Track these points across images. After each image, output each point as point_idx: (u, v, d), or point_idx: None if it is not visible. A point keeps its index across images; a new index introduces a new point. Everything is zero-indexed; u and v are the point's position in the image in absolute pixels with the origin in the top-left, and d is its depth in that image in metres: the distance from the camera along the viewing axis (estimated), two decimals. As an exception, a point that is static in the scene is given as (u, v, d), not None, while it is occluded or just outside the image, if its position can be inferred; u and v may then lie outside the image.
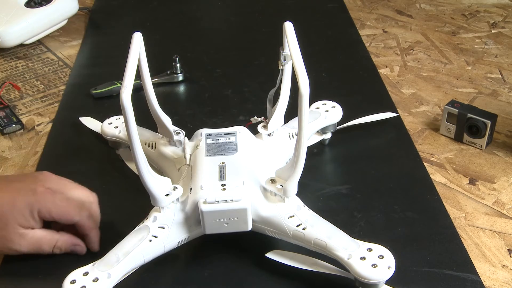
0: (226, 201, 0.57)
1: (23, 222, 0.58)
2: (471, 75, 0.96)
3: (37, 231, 0.60)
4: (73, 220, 0.60)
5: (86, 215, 0.61)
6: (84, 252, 0.63)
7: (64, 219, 0.60)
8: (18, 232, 0.59)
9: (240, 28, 1.17)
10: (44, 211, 0.59)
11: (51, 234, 0.61)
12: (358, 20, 1.18)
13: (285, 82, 0.67)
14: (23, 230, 0.59)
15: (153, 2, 1.29)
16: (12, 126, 0.85)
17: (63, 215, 0.60)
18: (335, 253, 0.55)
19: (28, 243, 0.60)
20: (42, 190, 0.59)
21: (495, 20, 1.15)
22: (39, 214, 0.59)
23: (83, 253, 0.62)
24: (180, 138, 0.67)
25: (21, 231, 0.59)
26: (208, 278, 0.60)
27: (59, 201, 0.60)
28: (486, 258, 0.62)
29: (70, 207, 0.60)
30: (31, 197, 0.58)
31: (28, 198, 0.58)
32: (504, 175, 0.74)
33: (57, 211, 0.59)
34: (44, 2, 1.10)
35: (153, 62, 0.66)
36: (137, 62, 0.55)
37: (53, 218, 0.59)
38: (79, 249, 0.62)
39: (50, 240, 0.61)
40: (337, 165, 0.77)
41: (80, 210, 0.61)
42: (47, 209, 0.59)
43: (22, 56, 1.08)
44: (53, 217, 0.59)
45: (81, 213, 0.61)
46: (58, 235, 0.61)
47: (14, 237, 0.59)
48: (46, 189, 0.60)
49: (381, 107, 0.86)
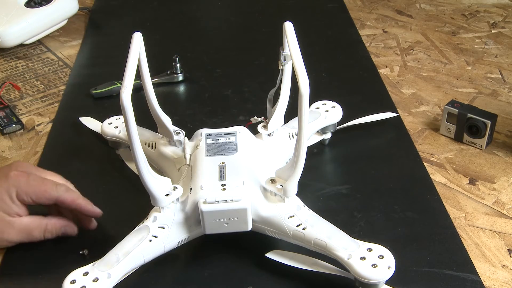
0: (226, 201, 0.57)
1: (6, 209, 0.59)
2: (471, 75, 0.96)
3: (24, 218, 0.60)
4: (52, 196, 0.60)
5: (63, 189, 0.61)
6: (75, 232, 0.62)
7: (43, 197, 0.60)
8: (5, 220, 0.59)
9: (240, 28, 1.17)
10: (20, 192, 0.59)
11: (39, 219, 0.61)
12: (358, 20, 1.18)
13: (285, 82, 0.67)
14: (9, 217, 0.59)
15: (153, 2, 1.29)
16: (12, 126, 0.85)
17: (41, 193, 0.60)
18: (335, 253, 0.55)
19: (18, 231, 0.60)
20: (16, 173, 0.60)
21: (495, 20, 1.15)
22: (17, 198, 0.59)
23: (74, 233, 0.62)
24: (180, 138, 0.67)
25: (7, 219, 0.59)
26: (208, 278, 0.60)
27: (33, 181, 0.60)
28: (486, 258, 0.62)
29: (46, 185, 0.60)
30: (5, 182, 0.59)
31: (2, 184, 0.59)
32: (504, 175, 0.74)
33: (33, 190, 0.59)
34: (44, 2, 1.10)
35: (153, 62, 0.66)
36: (137, 62, 0.55)
37: (32, 198, 0.59)
38: (70, 230, 0.62)
39: (39, 225, 0.61)
40: (337, 165, 0.77)
41: (56, 186, 0.61)
42: (23, 191, 0.59)
43: (22, 56, 1.08)
44: (31, 197, 0.59)
45: (58, 189, 0.60)
46: (46, 220, 0.61)
47: (2, 226, 0.59)
48: (19, 172, 0.60)
49: (381, 107, 0.86)
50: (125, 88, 0.49)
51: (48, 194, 0.60)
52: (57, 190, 0.60)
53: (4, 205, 0.59)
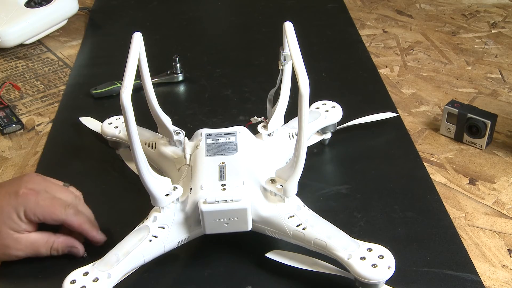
0: (226, 201, 0.57)
1: (14, 226, 0.59)
2: (471, 75, 0.96)
3: (31, 234, 0.60)
4: (59, 218, 0.60)
5: (72, 212, 0.60)
6: (81, 254, 0.62)
7: (49, 218, 0.60)
8: (13, 237, 0.59)
9: (240, 28, 1.17)
10: (29, 212, 0.58)
11: (47, 236, 0.61)
12: (358, 20, 1.18)
13: (285, 82, 0.67)
14: (17, 234, 0.59)
15: (153, 2, 1.29)
16: (12, 126, 0.85)
17: (48, 214, 0.59)
18: (335, 253, 0.55)
19: (25, 247, 0.60)
20: (25, 191, 0.59)
21: (495, 20, 1.15)
22: (25, 216, 0.59)
23: (80, 255, 0.62)
24: (180, 138, 0.67)
25: (15, 236, 0.59)
26: (208, 278, 0.60)
27: (42, 200, 0.59)
28: (486, 258, 0.62)
29: (55, 206, 0.60)
30: (14, 200, 0.58)
31: (11, 201, 0.58)
32: (504, 175, 0.74)
33: (40, 210, 0.59)
34: (44, 2, 1.10)
35: (153, 62, 0.66)
36: (137, 62, 0.55)
37: (38, 218, 0.59)
38: (76, 251, 0.62)
39: (46, 242, 0.61)
40: (337, 165, 0.77)
41: (65, 208, 0.60)
42: (31, 211, 0.58)
43: (22, 56, 1.08)
44: (38, 217, 0.59)
45: (67, 211, 0.60)
46: (54, 237, 0.61)
47: (9, 242, 0.59)
48: (29, 190, 0.60)
49: (381, 107, 0.86)
50: (125, 88, 0.49)
51: (55, 216, 0.60)
52: (66, 214, 0.60)
53: (12, 223, 0.58)
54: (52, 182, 0.64)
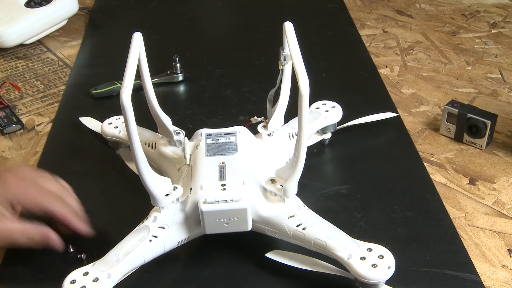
0: (226, 201, 0.57)
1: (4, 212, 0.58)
2: (471, 75, 0.96)
3: (7, 222, 0.59)
4: (44, 206, 0.59)
5: (59, 203, 0.60)
6: (59, 245, 0.61)
7: (35, 206, 0.59)
8: None
9: (240, 28, 1.17)
10: (14, 200, 0.58)
11: (22, 224, 0.60)
12: (358, 20, 1.18)
13: (285, 82, 0.67)
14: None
15: (153, 2, 1.29)
16: (12, 126, 0.85)
17: (33, 203, 0.59)
18: (335, 253, 0.55)
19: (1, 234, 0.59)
20: (13, 179, 0.59)
21: (495, 20, 1.15)
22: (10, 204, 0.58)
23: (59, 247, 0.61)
24: (180, 138, 0.67)
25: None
26: (208, 278, 0.60)
27: (29, 189, 0.59)
28: (486, 258, 0.62)
29: (41, 195, 0.60)
30: (2, 188, 0.58)
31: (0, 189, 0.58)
32: (504, 175, 0.74)
33: (26, 198, 0.59)
34: (44, 2, 1.10)
35: (153, 62, 0.66)
36: (137, 62, 0.55)
37: (24, 206, 0.59)
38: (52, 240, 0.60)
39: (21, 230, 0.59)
40: (337, 165, 0.77)
41: (52, 198, 0.60)
42: (16, 198, 0.58)
43: (22, 56, 1.08)
44: (24, 205, 0.59)
45: (54, 201, 0.60)
46: (28, 224, 0.60)
47: None
48: (17, 178, 0.60)
49: (381, 107, 0.86)
50: (125, 88, 0.49)
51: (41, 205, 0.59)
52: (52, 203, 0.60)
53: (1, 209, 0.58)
54: (41, 173, 0.64)
